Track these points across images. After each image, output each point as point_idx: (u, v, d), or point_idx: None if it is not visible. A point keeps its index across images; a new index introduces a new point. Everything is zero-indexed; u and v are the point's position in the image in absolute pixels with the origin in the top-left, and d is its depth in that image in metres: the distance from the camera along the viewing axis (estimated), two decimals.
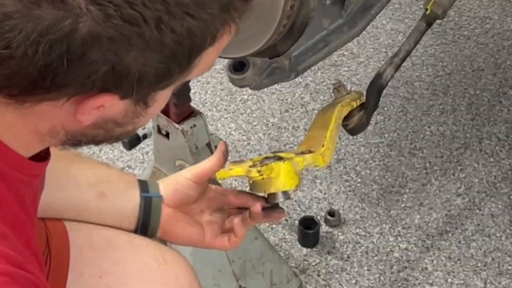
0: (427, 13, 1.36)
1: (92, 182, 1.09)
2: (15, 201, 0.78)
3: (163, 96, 0.78)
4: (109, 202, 1.10)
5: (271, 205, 1.11)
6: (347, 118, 1.32)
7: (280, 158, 1.11)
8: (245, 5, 0.77)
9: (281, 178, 1.09)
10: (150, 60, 0.71)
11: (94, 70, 0.69)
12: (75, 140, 0.79)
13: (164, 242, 1.16)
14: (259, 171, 1.07)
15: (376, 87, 1.36)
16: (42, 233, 1.05)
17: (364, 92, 1.37)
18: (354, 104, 1.32)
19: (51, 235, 1.06)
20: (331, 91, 1.36)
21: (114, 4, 0.67)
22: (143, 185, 1.11)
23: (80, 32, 0.67)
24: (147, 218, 1.10)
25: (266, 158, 1.12)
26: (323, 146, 1.19)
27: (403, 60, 1.37)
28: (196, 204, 1.13)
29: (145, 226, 1.10)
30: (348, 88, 1.35)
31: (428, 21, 1.37)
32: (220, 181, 1.33)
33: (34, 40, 0.66)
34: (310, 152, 1.17)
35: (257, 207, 1.08)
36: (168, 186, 1.11)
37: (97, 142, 0.81)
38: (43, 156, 0.82)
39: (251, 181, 1.10)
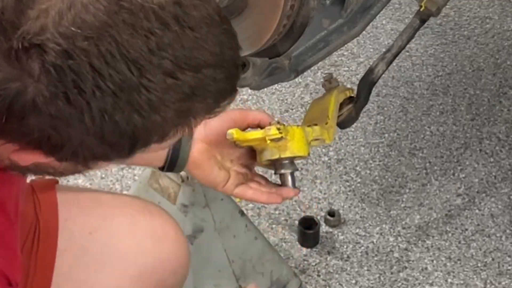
0: (421, 10, 1.37)
1: None
2: None
3: (105, 164, 0.77)
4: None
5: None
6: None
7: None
8: (210, 113, 0.75)
9: (295, 142, 1.10)
10: (88, 143, 0.70)
11: (30, 133, 0.69)
12: (20, 169, 0.79)
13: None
14: (278, 129, 1.08)
15: (367, 82, 1.37)
16: (29, 205, 1.07)
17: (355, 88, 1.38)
18: (348, 93, 1.33)
19: (40, 204, 1.08)
20: (321, 85, 1.37)
21: (64, 84, 0.66)
22: None
23: (24, 98, 0.66)
24: (175, 155, 1.12)
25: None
26: (326, 123, 1.21)
27: (395, 55, 1.37)
28: (230, 151, 1.14)
29: (173, 163, 1.13)
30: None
31: (422, 18, 1.37)
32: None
33: None
34: (316, 125, 1.18)
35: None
36: (207, 124, 1.12)
37: (36, 174, 0.81)
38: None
39: (262, 149, 1.10)
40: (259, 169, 1.20)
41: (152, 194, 1.54)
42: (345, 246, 1.91)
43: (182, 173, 1.39)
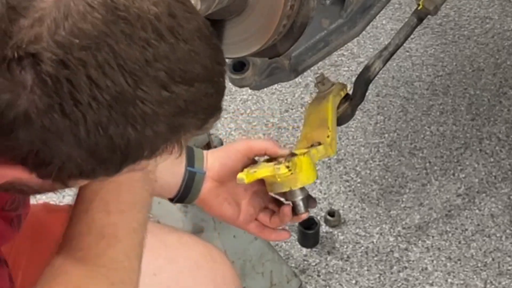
0: (419, 8, 1.37)
1: None
2: None
3: (85, 182, 0.76)
4: (154, 178, 1.11)
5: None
6: None
7: (293, 155, 1.11)
8: (199, 129, 0.73)
9: (304, 172, 1.10)
10: (78, 158, 0.67)
11: (17, 147, 0.66)
12: None
13: None
14: (287, 167, 1.07)
15: (363, 80, 1.37)
16: None
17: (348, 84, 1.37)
18: (342, 94, 1.33)
19: None
20: (313, 85, 1.36)
21: (59, 95, 0.63)
22: (190, 158, 1.13)
23: (15, 110, 0.64)
24: (187, 191, 1.13)
25: (279, 157, 1.12)
26: (328, 137, 1.21)
27: (392, 53, 1.37)
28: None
29: (183, 198, 1.14)
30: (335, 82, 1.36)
31: (420, 16, 1.37)
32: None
33: None
34: (319, 143, 1.18)
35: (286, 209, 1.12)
36: (217, 160, 1.13)
37: (8, 192, 0.78)
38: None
39: (272, 182, 1.10)
40: None
41: None
42: (345, 246, 1.91)
43: None
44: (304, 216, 1.14)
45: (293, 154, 1.11)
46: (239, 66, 1.28)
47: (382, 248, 1.90)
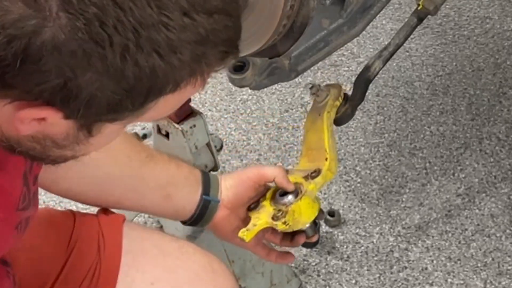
0: (419, 8, 1.37)
1: (160, 185, 1.16)
2: None
3: (109, 130, 0.75)
4: (172, 203, 1.17)
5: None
6: None
7: (296, 194, 1.14)
8: (219, 63, 0.75)
9: (304, 214, 1.13)
10: (105, 87, 0.68)
11: (45, 79, 0.66)
12: (8, 145, 0.75)
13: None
14: (284, 223, 1.11)
15: (363, 80, 1.37)
16: (93, 242, 1.08)
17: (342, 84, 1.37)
18: (338, 103, 1.32)
19: (105, 245, 1.09)
20: (309, 96, 1.35)
21: (85, 18, 0.65)
22: (206, 186, 1.17)
23: (42, 36, 0.64)
24: (200, 217, 1.17)
25: (281, 195, 1.15)
26: (326, 159, 1.21)
27: (392, 53, 1.38)
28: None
29: (196, 222, 1.19)
30: (331, 83, 1.35)
31: (420, 16, 1.38)
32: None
33: None
34: (317, 172, 1.19)
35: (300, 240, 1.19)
36: (230, 189, 1.18)
37: (31, 156, 0.78)
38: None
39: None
40: None
41: None
42: (345, 246, 1.91)
43: None
44: (314, 239, 1.19)
45: (296, 193, 1.14)
46: (239, 66, 1.28)
47: (382, 248, 1.90)
